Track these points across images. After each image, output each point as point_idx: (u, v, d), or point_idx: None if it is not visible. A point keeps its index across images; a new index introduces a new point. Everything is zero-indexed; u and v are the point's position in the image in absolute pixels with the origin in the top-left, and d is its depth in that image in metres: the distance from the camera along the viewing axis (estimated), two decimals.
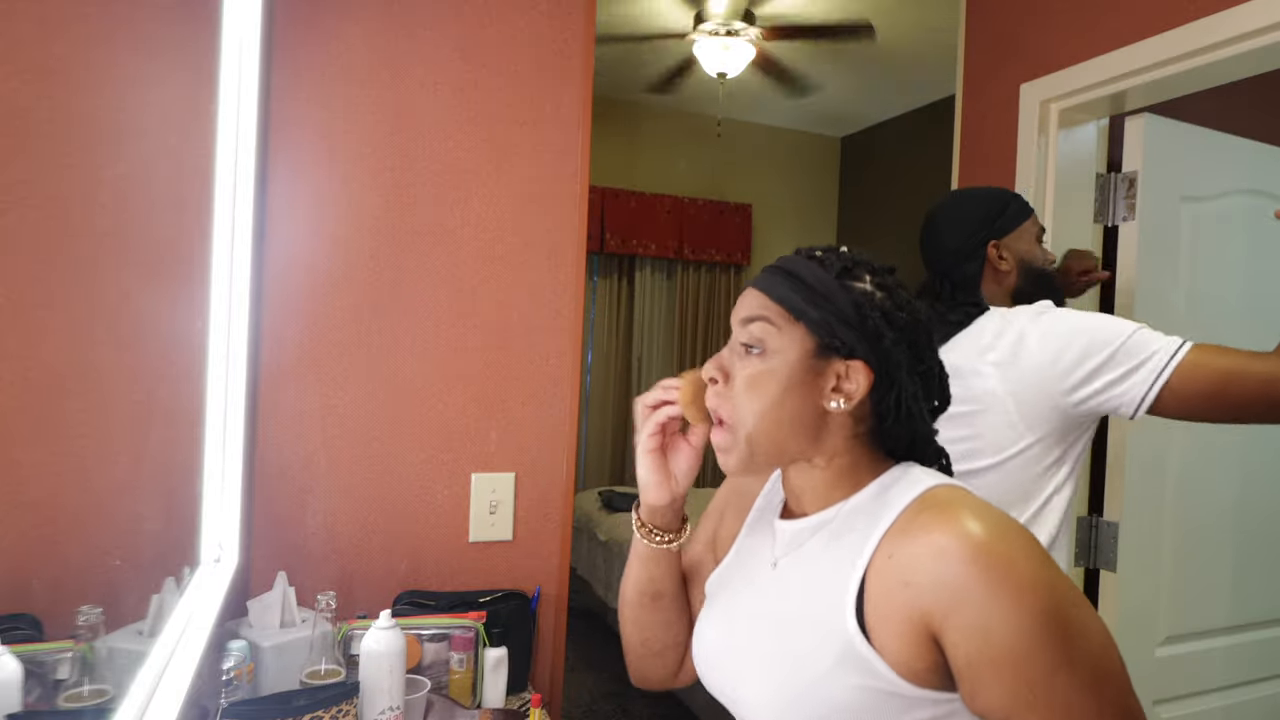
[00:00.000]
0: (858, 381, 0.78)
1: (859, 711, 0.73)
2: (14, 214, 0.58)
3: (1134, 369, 1.19)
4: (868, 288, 0.80)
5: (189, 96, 1.05)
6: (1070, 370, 1.22)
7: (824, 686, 0.73)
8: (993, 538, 0.69)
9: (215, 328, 1.23)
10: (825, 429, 0.80)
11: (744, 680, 0.82)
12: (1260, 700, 2.09)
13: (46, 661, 0.65)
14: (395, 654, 1.19)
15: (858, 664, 0.72)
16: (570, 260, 1.62)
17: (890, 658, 0.71)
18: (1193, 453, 1.97)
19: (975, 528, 0.69)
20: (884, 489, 0.79)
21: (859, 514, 0.79)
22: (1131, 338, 1.21)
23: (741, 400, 0.80)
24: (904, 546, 0.72)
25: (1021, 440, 1.26)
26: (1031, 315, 1.29)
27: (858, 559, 0.75)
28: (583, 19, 1.61)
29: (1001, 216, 1.43)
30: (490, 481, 1.57)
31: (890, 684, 0.72)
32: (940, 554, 0.69)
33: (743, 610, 0.86)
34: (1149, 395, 1.18)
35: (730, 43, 3.72)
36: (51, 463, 0.67)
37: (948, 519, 0.71)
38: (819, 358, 0.79)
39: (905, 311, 0.81)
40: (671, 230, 5.15)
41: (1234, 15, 1.56)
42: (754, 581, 0.87)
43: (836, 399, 0.79)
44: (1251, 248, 2.05)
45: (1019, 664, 0.67)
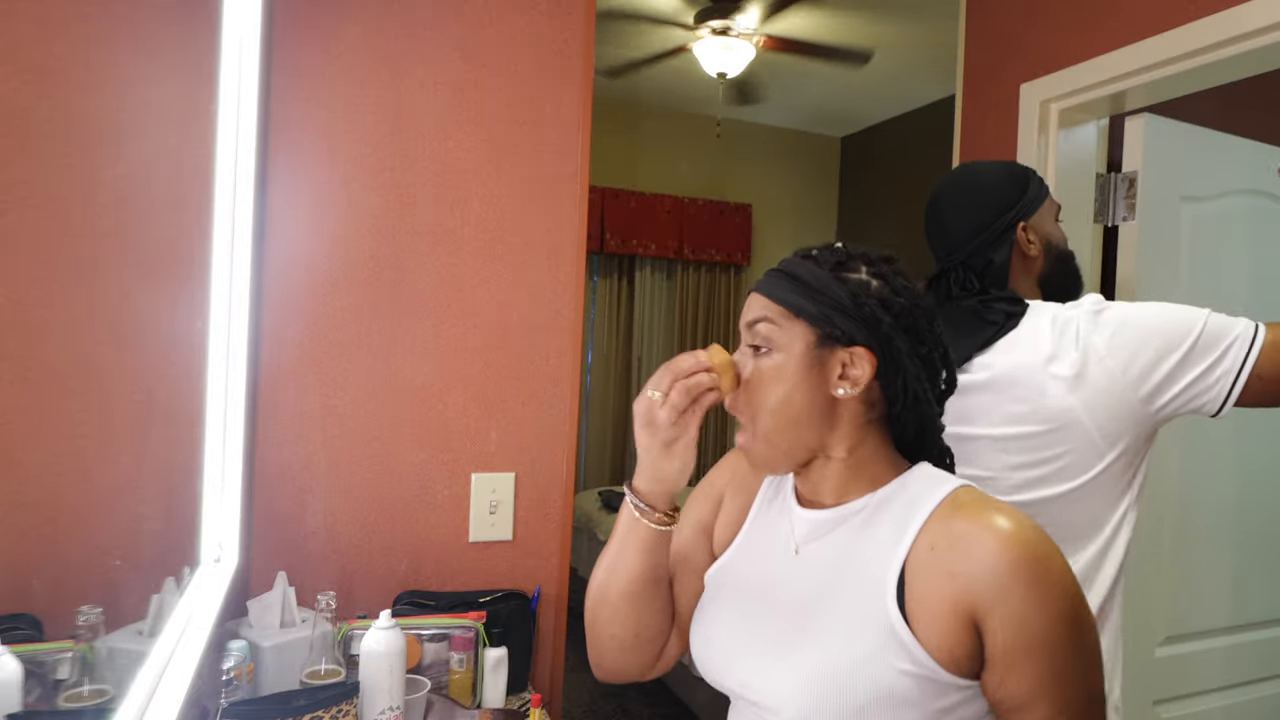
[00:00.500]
0: (862, 367, 0.82)
1: (894, 696, 0.76)
2: (14, 214, 0.58)
3: (1216, 361, 1.07)
4: (863, 277, 0.84)
5: (189, 96, 1.05)
6: (1147, 374, 1.09)
7: (865, 670, 0.76)
8: (1031, 538, 0.76)
9: (215, 328, 1.23)
10: (838, 417, 0.84)
11: (765, 670, 0.82)
12: (1260, 700, 2.09)
13: (46, 661, 0.65)
14: (395, 654, 1.19)
15: (898, 648, 0.76)
16: (570, 260, 1.62)
17: (928, 644, 0.76)
18: (1193, 453, 1.97)
19: (1013, 528, 0.76)
20: (908, 485, 0.83)
21: (889, 506, 0.83)
22: (1206, 327, 1.08)
23: (756, 398, 0.84)
24: (947, 539, 0.77)
25: (1104, 459, 1.12)
26: (1089, 315, 1.13)
27: (896, 548, 0.79)
28: (583, 19, 1.61)
29: (1025, 194, 1.26)
30: (490, 481, 1.57)
31: (927, 669, 0.76)
32: (987, 549, 0.75)
33: (757, 598, 0.87)
34: (1236, 387, 1.07)
35: (731, 43, 3.72)
36: (51, 463, 0.67)
37: (988, 518, 0.77)
38: (822, 348, 0.82)
39: (903, 297, 0.84)
40: (671, 230, 5.15)
41: (1234, 15, 1.56)
42: (770, 569, 0.88)
43: (843, 385, 0.82)
44: (1251, 248, 2.05)
45: (1048, 651, 0.75)
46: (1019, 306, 1.19)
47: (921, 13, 3.55)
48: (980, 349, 1.18)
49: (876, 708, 0.76)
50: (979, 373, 1.17)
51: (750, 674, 0.84)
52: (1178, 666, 1.97)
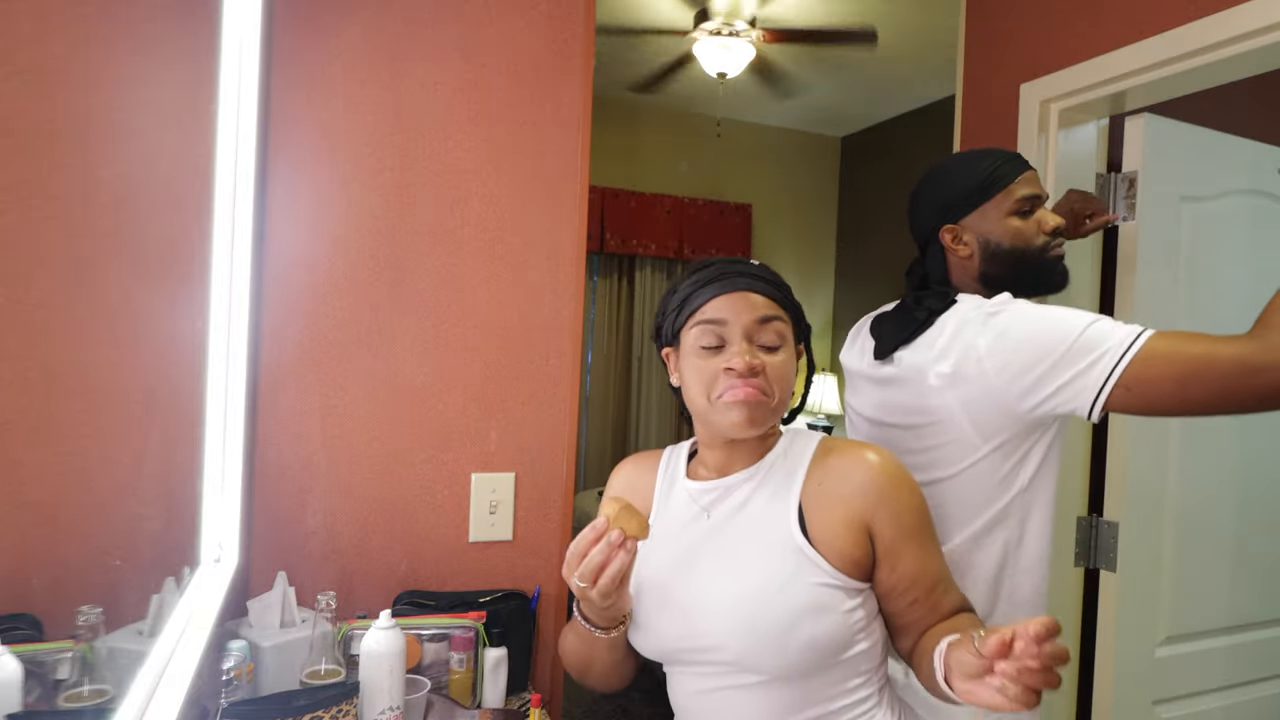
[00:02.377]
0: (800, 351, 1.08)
1: (814, 606, 0.94)
2: (14, 214, 0.58)
3: (1084, 370, 1.11)
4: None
5: (189, 96, 1.05)
6: (1018, 377, 1.15)
7: (788, 590, 0.94)
8: (890, 459, 1.01)
9: (215, 328, 1.23)
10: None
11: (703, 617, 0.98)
12: (1260, 700, 2.09)
13: (46, 661, 0.65)
14: (395, 654, 1.19)
15: (810, 568, 0.96)
16: (570, 260, 1.62)
17: (831, 558, 0.96)
18: (1193, 453, 1.97)
19: (876, 454, 1.01)
20: (789, 444, 1.06)
21: (777, 463, 1.04)
22: (1083, 335, 1.12)
23: (776, 383, 1.00)
24: (830, 473, 1.00)
25: (977, 452, 1.21)
26: (982, 318, 1.20)
27: (790, 490, 1.01)
28: (583, 19, 1.61)
29: (955, 199, 1.32)
30: (490, 481, 1.57)
31: (836, 579, 0.96)
32: (863, 472, 0.99)
33: (682, 564, 1.03)
34: (1101, 396, 1.10)
35: (730, 43, 3.72)
36: (51, 463, 0.67)
37: (856, 451, 1.01)
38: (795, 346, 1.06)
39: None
40: (671, 230, 5.15)
41: (1234, 15, 1.56)
42: (687, 538, 1.05)
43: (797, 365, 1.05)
44: (1251, 248, 2.05)
45: (920, 535, 0.99)
46: (943, 303, 1.27)
47: (921, 13, 3.54)
48: (903, 344, 1.29)
49: (802, 619, 0.93)
50: (895, 367, 1.30)
51: (688, 627, 0.99)
52: (1178, 666, 1.97)
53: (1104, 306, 1.99)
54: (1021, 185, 1.31)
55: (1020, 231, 1.31)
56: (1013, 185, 1.31)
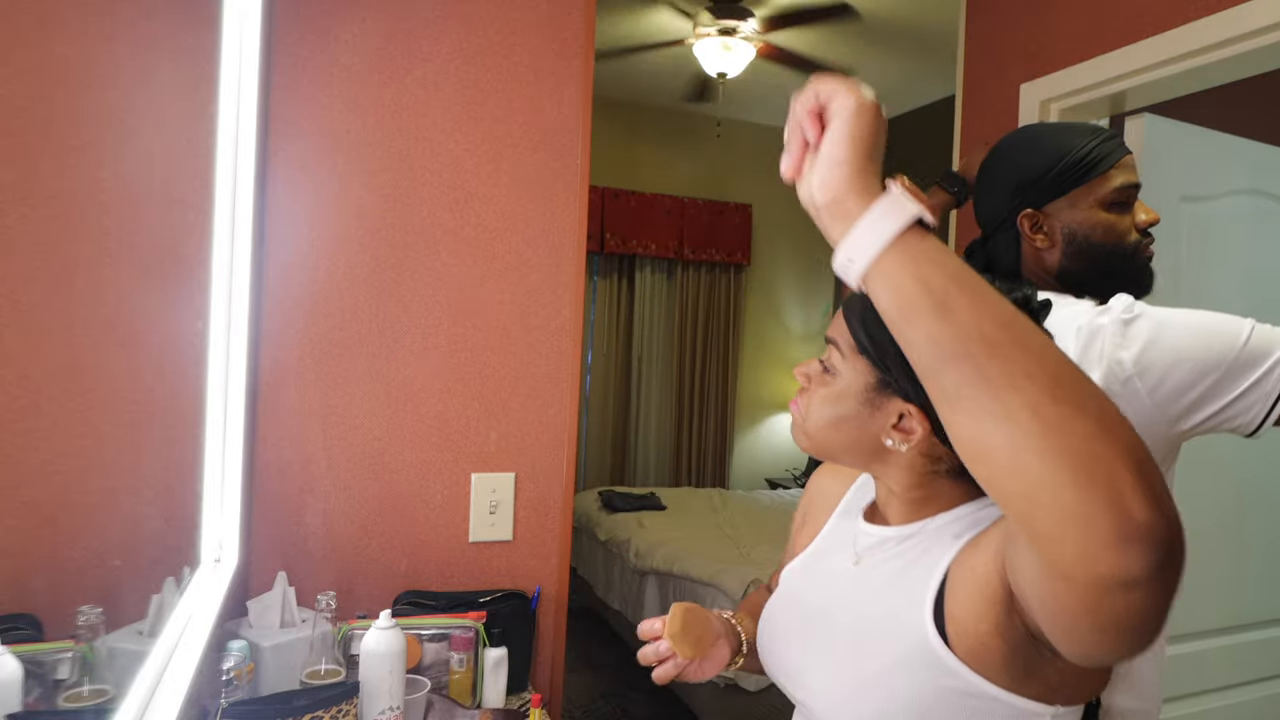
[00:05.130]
0: (914, 427, 0.79)
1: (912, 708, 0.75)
2: (14, 214, 0.58)
3: (1256, 382, 0.98)
4: None
5: (189, 96, 1.05)
6: (1177, 397, 1.01)
7: (889, 679, 0.76)
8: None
9: (215, 328, 1.23)
10: (888, 461, 0.82)
11: (811, 667, 0.85)
12: (1260, 700, 2.09)
13: (46, 661, 0.65)
14: (395, 654, 1.19)
15: (929, 660, 0.74)
16: (570, 260, 1.62)
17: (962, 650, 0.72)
18: (1192, 453, 1.97)
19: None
20: (971, 512, 0.81)
21: (945, 532, 0.80)
22: (1248, 343, 0.99)
23: (811, 408, 0.85)
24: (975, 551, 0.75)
25: None
26: (1117, 325, 1.03)
27: (937, 567, 0.77)
28: (583, 19, 1.61)
29: (1040, 181, 1.13)
30: (490, 481, 1.57)
31: (964, 681, 0.72)
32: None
33: (819, 600, 0.89)
34: (1276, 409, 0.99)
35: (730, 43, 3.72)
36: (51, 463, 0.67)
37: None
38: (879, 392, 0.80)
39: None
40: (671, 230, 5.15)
41: (1234, 15, 1.56)
42: (834, 576, 0.90)
43: (893, 437, 0.80)
44: (1252, 248, 2.05)
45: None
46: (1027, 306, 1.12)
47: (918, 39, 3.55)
48: None
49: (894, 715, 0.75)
50: None
51: (799, 669, 0.87)
52: (1178, 666, 1.96)
53: None
54: (1121, 171, 1.13)
55: (1114, 226, 1.14)
56: (1112, 171, 1.12)
